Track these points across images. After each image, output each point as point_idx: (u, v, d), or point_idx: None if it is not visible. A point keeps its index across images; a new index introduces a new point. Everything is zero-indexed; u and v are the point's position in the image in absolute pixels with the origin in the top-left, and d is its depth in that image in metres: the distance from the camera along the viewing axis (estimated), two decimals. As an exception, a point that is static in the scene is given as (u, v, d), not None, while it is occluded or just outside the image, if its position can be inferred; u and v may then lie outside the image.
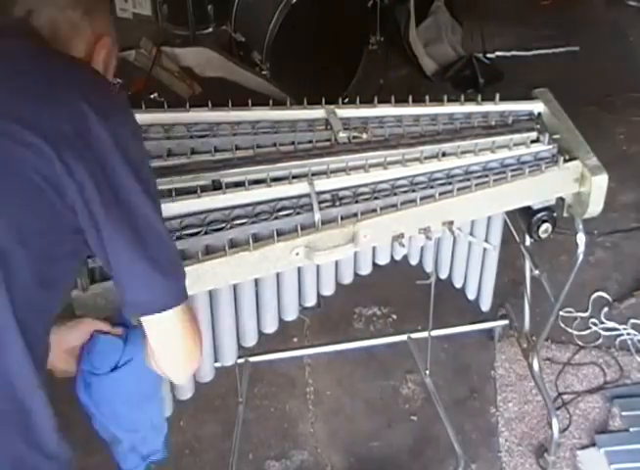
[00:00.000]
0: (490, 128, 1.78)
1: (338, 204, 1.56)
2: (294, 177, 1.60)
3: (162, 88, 3.21)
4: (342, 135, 1.72)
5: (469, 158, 1.70)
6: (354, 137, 1.72)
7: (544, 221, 1.74)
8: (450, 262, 1.98)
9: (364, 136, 1.72)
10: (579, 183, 1.68)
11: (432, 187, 1.62)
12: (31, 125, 1.02)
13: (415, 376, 2.38)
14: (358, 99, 1.84)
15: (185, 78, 3.33)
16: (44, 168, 1.02)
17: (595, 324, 2.52)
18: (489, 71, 3.58)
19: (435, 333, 2.29)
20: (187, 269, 1.41)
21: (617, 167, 2.65)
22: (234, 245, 1.48)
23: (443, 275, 2.02)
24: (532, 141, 1.75)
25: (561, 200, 1.74)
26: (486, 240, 1.88)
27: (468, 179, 1.64)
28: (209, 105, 1.81)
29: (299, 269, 1.64)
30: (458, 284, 2.03)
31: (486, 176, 1.64)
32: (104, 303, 1.39)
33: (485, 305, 2.09)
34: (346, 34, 3.24)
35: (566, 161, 1.66)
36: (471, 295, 2.06)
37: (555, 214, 1.75)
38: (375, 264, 1.74)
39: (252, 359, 2.27)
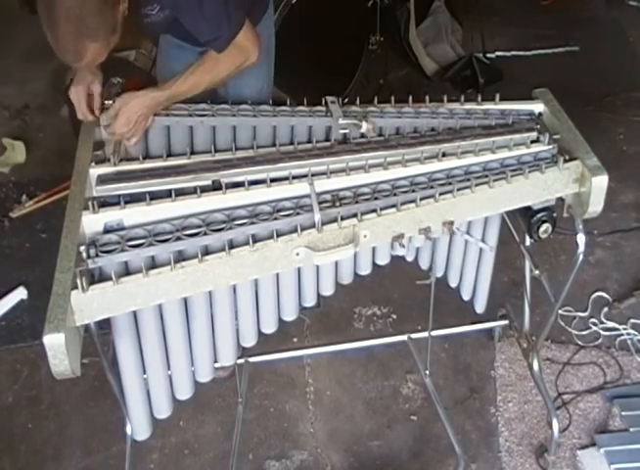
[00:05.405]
0: (490, 128, 1.78)
1: (338, 204, 1.56)
2: (294, 178, 1.60)
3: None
4: (342, 122, 1.71)
5: (469, 158, 1.70)
6: (354, 125, 1.71)
7: (544, 222, 1.74)
8: (446, 261, 1.98)
9: (364, 125, 1.71)
10: (579, 183, 1.68)
11: (432, 187, 1.62)
12: None
13: (415, 376, 2.38)
14: (358, 99, 1.84)
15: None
16: None
17: (595, 324, 2.52)
18: (489, 71, 3.58)
19: (435, 333, 2.29)
20: (187, 270, 1.43)
21: (617, 167, 2.66)
22: (234, 245, 1.48)
23: (439, 273, 2.01)
24: (532, 141, 1.75)
25: (561, 200, 1.74)
26: (483, 240, 1.88)
27: (468, 179, 1.64)
28: (208, 102, 1.82)
29: (299, 269, 1.64)
30: (453, 283, 2.02)
31: (486, 176, 1.64)
32: (103, 303, 1.40)
33: (480, 306, 2.08)
34: (346, 34, 3.24)
35: (566, 161, 1.66)
36: (466, 295, 2.05)
37: (555, 215, 1.74)
38: (375, 264, 1.74)
39: (252, 360, 2.27)
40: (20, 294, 2.63)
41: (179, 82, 1.70)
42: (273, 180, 1.59)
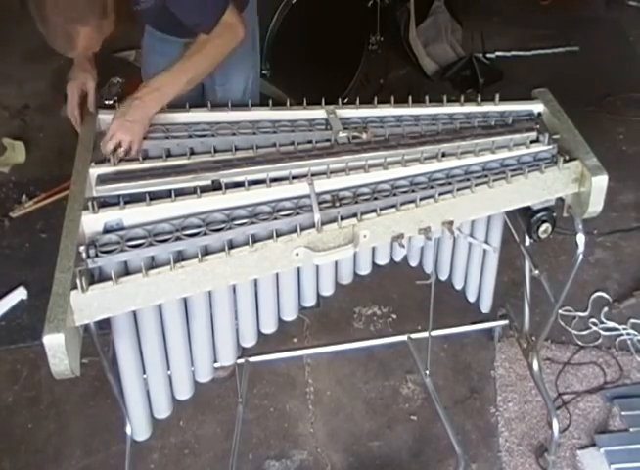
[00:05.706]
0: (490, 128, 1.78)
1: (337, 204, 1.56)
2: (293, 178, 1.60)
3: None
4: (342, 135, 1.72)
5: (469, 158, 1.70)
6: (354, 137, 1.72)
7: (544, 222, 1.74)
8: (450, 264, 1.98)
9: (364, 136, 1.72)
10: (579, 183, 1.68)
11: (431, 187, 1.62)
12: None
13: (415, 376, 2.38)
14: (358, 99, 1.84)
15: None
16: None
17: (595, 324, 2.52)
18: (489, 71, 3.59)
19: (435, 333, 2.30)
20: (187, 270, 1.42)
21: (617, 167, 2.66)
22: (234, 245, 1.48)
23: (444, 277, 2.02)
24: (532, 141, 1.75)
25: (561, 200, 1.74)
26: (486, 241, 1.88)
27: (468, 179, 1.64)
28: (209, 105, 1.82)
29: (299, 269, 1.64)
30: (458, 286, 2.03)
31: (486, 176, 1.64)
32: (103, 303, 1.40)
33: (486, 307, 2.09)
34: (346, 34, 3.24)
35: (565, 161, 1.66)
36: (471, 297, 2.06)
37: (555, 215, 1.75)
38: (375, 264, 1.74)
39: (252, 360, 2.27)
40: (20, 294, 2.63)
41: (170, 70, 1.68)
42: (273, 180, 1.59)
